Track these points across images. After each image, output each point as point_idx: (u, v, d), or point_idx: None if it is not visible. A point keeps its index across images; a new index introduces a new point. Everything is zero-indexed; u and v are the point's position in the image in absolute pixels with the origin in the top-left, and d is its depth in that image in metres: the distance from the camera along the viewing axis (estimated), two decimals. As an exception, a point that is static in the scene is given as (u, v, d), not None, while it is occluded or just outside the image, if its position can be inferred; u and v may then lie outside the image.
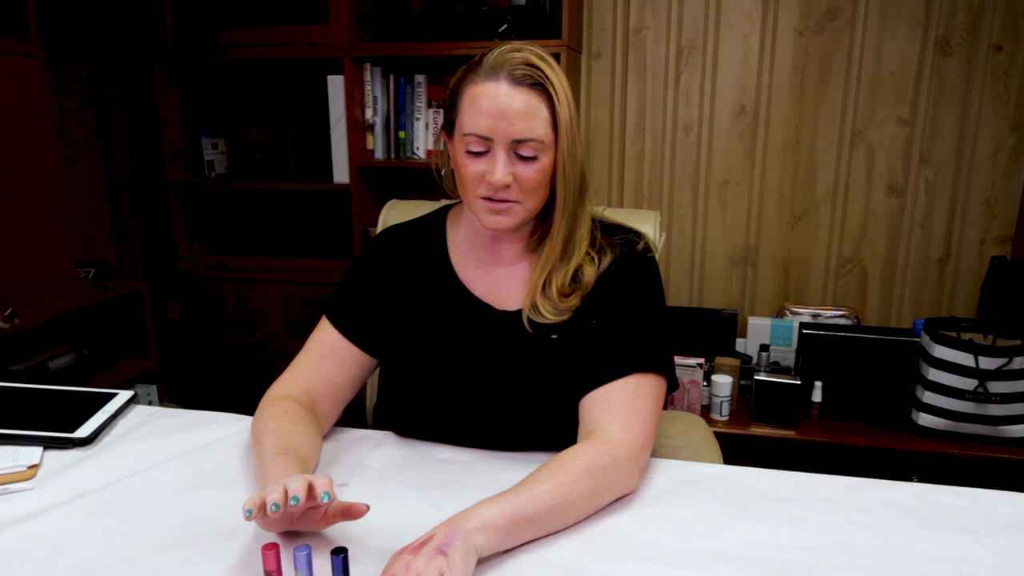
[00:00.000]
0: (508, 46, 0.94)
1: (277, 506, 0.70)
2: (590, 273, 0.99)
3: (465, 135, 0.93)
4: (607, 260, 1.00)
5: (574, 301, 0.99)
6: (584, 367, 0.97)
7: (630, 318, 0.98)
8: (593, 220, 1.04)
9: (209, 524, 0.83)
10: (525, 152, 0.92)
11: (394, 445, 1.04)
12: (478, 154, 0.93)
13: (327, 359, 1.04)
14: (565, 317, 0.99)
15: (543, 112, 0.92)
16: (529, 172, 0.93)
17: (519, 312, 1.01)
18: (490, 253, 1.04)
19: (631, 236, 1.04)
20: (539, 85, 0.92)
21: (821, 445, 2.10)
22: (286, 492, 0.71)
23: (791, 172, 2.42)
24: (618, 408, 0.92)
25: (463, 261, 1.06)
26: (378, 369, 1.12)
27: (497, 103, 0.90)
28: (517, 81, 0.91)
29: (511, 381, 1.00)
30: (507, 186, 0.92)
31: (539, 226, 1.03)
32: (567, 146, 0.93)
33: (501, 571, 0.75)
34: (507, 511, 0.77)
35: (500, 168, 0.91)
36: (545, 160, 0.93)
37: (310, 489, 0.73)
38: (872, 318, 2.46)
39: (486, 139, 0.91)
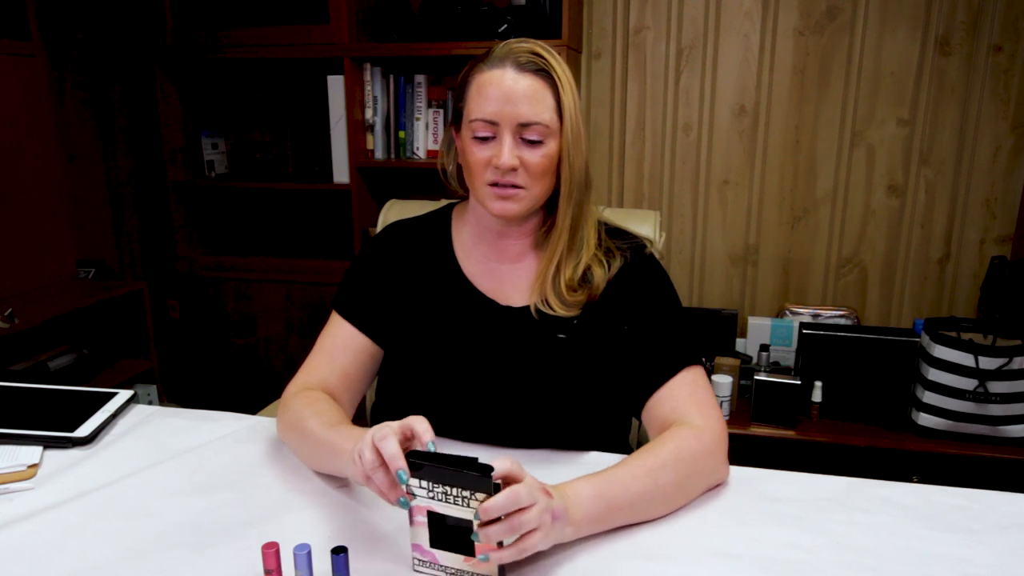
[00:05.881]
0: (514, 39, 0.97)
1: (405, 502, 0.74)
2: (599, 275, 1.01)
3: (472, 121, 0.95)
4: (617, 264, 1.02)
5: (581, 297, 1.00)
6: (638, 373, 0.98)
7: (669, 318, 1.01)
8: (599, 222, 1.06)
9: (209, 524, 0.83)
10: (531, 136, 0.94)
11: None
12: (485, 140, 0.95)
13: (339, 351, 1.05)
14: (572, 313, 1.00)
15: (548, 98, 0.94)
16: (535, 157, 0.94)
17: (524, 308, 1.02)
18: (495, 249, 1.05)
19: (638, 241, 1.07)
20: (543, 71, 0.94)
21: (821, 445, 2.10)
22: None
23: (791, 172, 2.42)
24: (690, 399, 0.95)
25: (468, 257, 1.07)
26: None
27: (502, 88, 0.93)
28: (522, 67, 0.93)
29: (515, 377, 1.01)
30: (513, 169, 0.94)
31: (545, 221, 1.04)
32: (571, 133, 0.95)
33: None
34: (603, 501, 0.79)
35: (506, 151, 0.93)
36: (551, 146, 0.95)
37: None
38: (872, 318, 2.46)
39: (493, 124, 0.93)
